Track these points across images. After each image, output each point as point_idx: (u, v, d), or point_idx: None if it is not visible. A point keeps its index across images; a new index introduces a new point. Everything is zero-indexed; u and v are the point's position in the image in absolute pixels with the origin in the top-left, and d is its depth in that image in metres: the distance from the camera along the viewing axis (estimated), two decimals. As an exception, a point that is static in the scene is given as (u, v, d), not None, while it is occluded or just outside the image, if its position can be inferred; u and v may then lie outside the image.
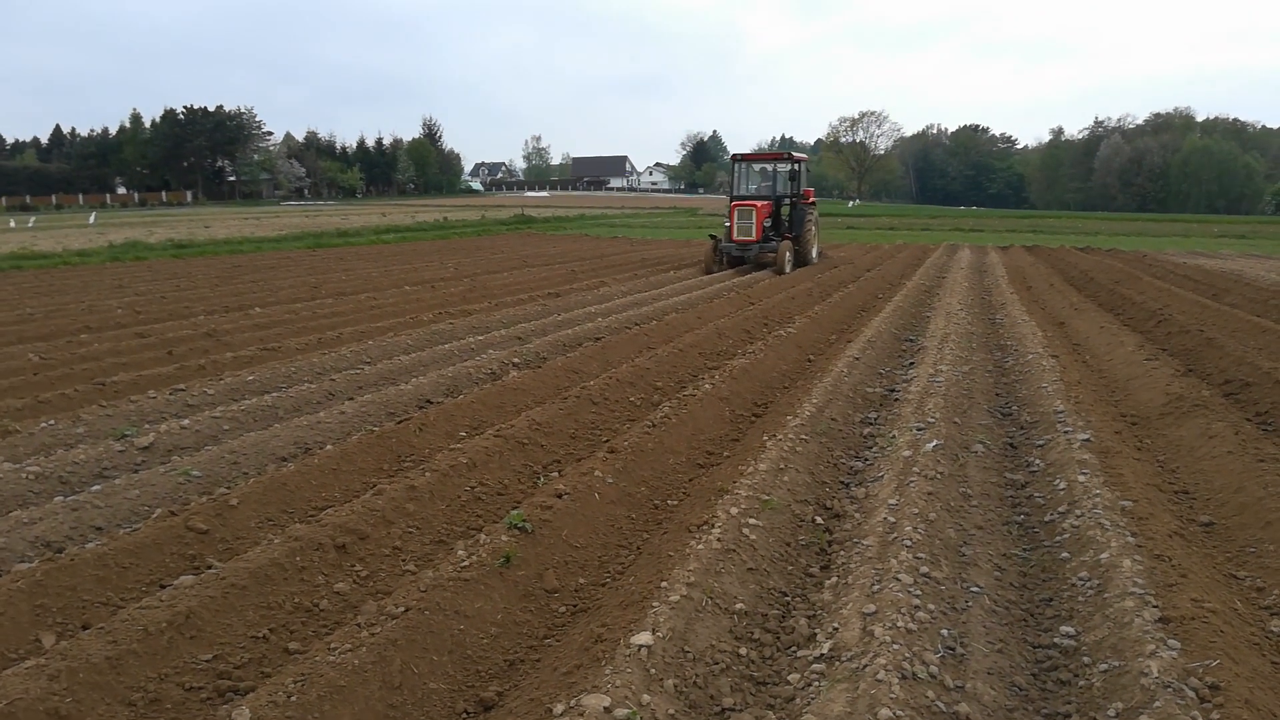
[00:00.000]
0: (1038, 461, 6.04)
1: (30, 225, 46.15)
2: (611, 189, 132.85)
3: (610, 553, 4.75)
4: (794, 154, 21.31)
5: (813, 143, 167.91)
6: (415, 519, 4.94)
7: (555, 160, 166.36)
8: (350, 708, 3.09)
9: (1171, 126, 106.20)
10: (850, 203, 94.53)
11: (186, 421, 6.69)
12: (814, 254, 21.41)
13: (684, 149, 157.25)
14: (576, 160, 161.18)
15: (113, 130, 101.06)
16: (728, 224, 19.79)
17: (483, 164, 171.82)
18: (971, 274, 19.40)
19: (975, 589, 4.12)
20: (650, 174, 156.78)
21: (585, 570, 4.50)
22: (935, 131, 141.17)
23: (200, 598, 3.73)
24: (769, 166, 21.96)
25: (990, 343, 10.56)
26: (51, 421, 6.80)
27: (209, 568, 4.34)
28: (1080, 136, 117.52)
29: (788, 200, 20.60)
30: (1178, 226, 48.44)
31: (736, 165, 21.19)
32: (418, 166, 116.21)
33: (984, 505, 5.23)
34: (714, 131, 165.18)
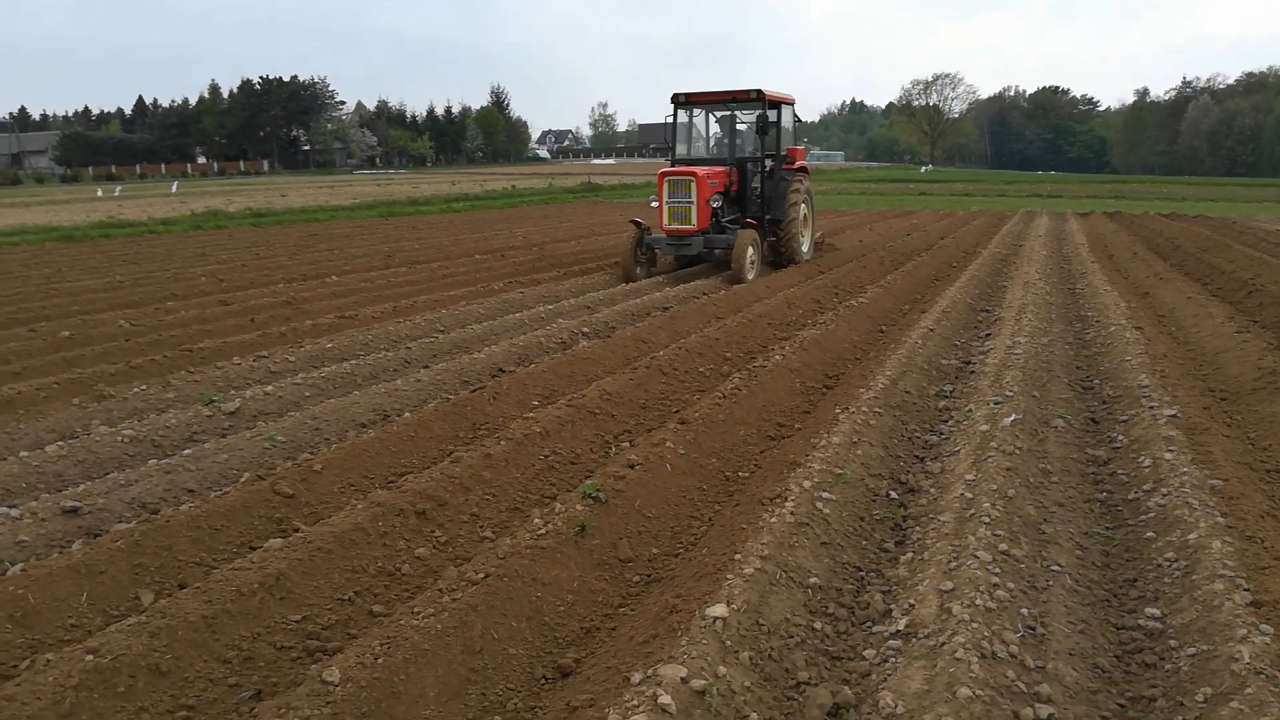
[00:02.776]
0: (1121, 437, 5.88)
1: (116, 194, 47.79)
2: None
3: (682, 524, 4.78)
4: (767, 92, 13.41)
5: (884, 106, 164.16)
6: (491, 486, 5.03)
7: (621, 127, 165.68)
8: (434, 671, 3.18)
9: (1265, 87, 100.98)
10: (923, 168, 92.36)
11: (270, 388, 6.90)
12: (805, 247, 14.71)
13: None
14: (643, 127, 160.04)
15: (193, 101, 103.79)
16: (655, 202, 13.28)
17: (549, 132, 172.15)
18: (1050, 242, 18.80)
19: (1056, 568, 4.05)
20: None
21: (658, 540, 4.53)
22: (1012, 94, 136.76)
23: (289, 560, 3.86)
24: (726, 112, 14.54)
25: (1070, 314, 10.26)
26: (143, 387, 7.07)
27: (295, 531, 4.49)
28: (1166, 98, 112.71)
29: (759, 165, 13.97)
30: (1270, 192, 46.18)
31: (678, 112, 14.11)
32: (486, 135, 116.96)
33: (1065, 482, 5.12)
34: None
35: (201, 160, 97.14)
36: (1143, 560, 4.22)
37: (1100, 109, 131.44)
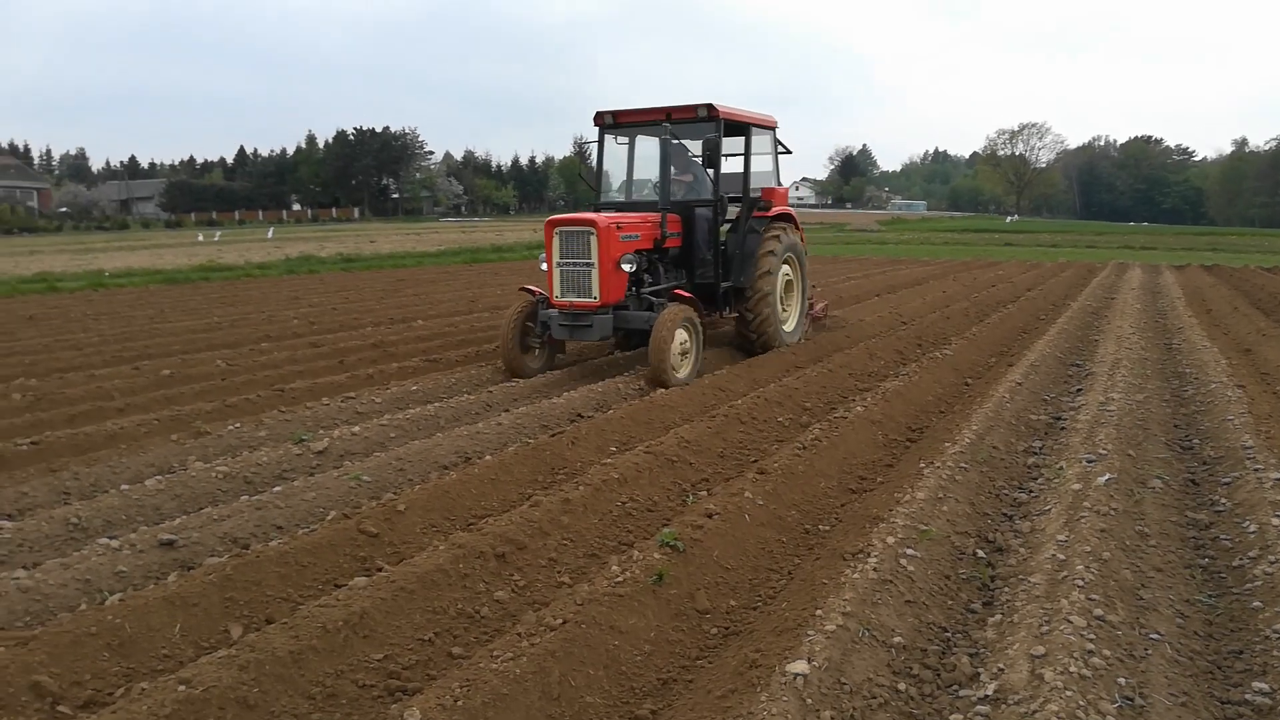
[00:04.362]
0: (1224, 501, 5.61)
1: (216, 239, 50.06)
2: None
3: (761, 576, 4.71)
4: (721, 109, 9.81)
5: (968, 155, 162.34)
6: (569, 531, 5.05)
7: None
8: (512, 716, 3.18)
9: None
10: (1008, 218, 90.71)
11: (357, 428, 7.08)
12: (791, 326, 11.14)
13: (831, 163, 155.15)
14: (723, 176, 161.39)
15: (290, 150, 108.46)
16: (545, 264, 9.37)
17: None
18: (1144, 295, 18.21)
19: (1155, 636, 3.86)
20: (797, 188, 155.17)
21: (736, 593, 4.48)
22: (1102, 143, 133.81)
23: (373, 599, 3.93)
24: (660, 137, 9.59)
25: (1167, 370, 9.89)
26: (237, 424, 7.33)
27: (379, 570, 4.57)
28: (1267, 147, 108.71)
29: (714, 211, 10.11)
30: (1383, 245, 44.01)
31: (604, 139, 10.73)
32: (568, 183, 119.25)
33: (1163, 546, 4.89)
34: (864, 145, 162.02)
35: (296, 207, 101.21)
36: (1249, 631, 4.00)
37: (1196, 159, 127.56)
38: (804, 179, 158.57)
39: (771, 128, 11.24)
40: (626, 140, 11.04)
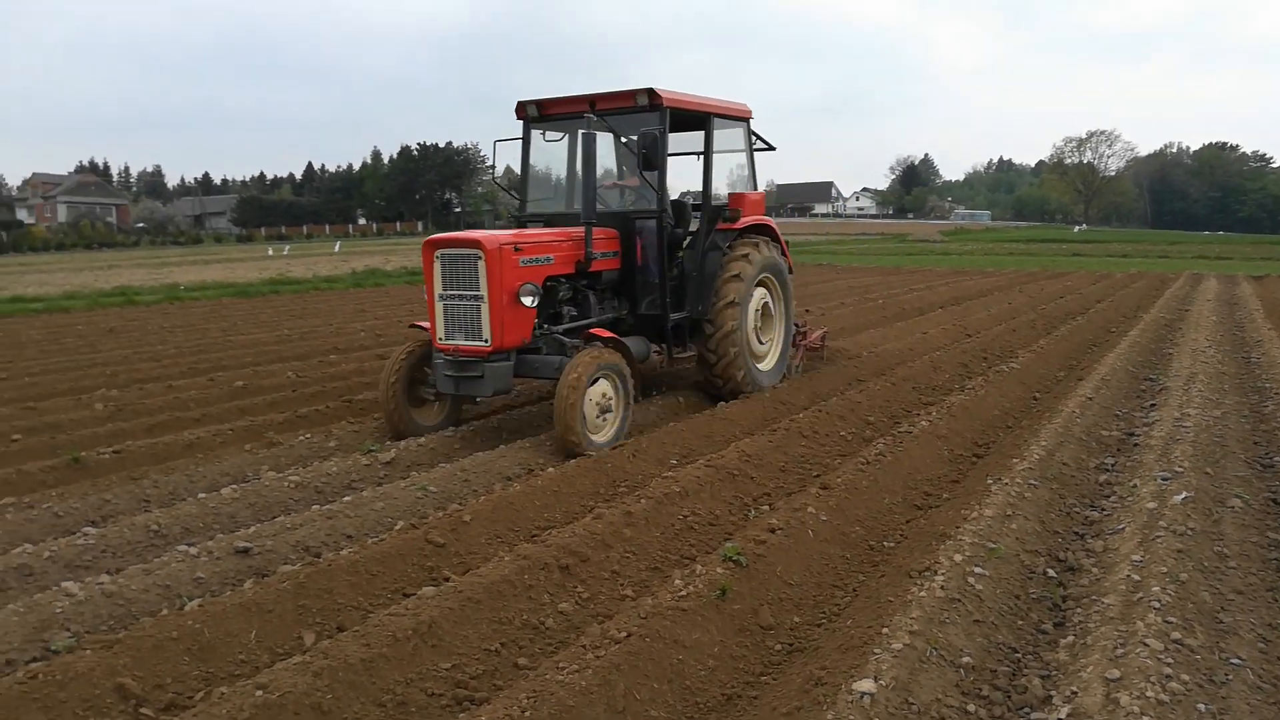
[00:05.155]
0: (1309, 522, 5.40)
1: (285, 253, 51.39)
2: (816, 215, 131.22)
3: (825, 592, 4.67)
4: (666, 95, 8.02)
5: (1033, 164, 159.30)
6: (632, 544, 5.07)
7: (760, 187, 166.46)
8: (578, 728, 3.21)
9: None
10: (1076, 228, 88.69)
11: (423, 439, 7.21)
12: (768, 365, 9.25)
13: (892, 173, 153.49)
14: (781, 187, 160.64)
15: (356, 166, 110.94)
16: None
17: (687, 193, 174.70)
18: (1220, 307, 17.63)
19: (1236, 661, 3.73)
20: (856, 199, 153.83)
21: (800, 609, 4.45)
22: (1174, 150, 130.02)
23: (441, 608, 4.00)
24: (588, 131, 7.57)
25: (1245, 384, 9.56)
26: (307, 435, 7.52)
27: (446, 579, 4.64)
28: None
29: (655, 221, 8.20)
30: None
31: (530, 134, 8.84)
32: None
33: (1244, 567, 4.73)
34: (925, 154, 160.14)
35: (362, 221, 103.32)
36: (1339, 659, 3.84)
37: (1274, 165, 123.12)
38: (864, 189, 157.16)
39: (743, 119, 9.31)
40: (558, 136, 8.88)
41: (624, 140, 8.57)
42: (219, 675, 3.75)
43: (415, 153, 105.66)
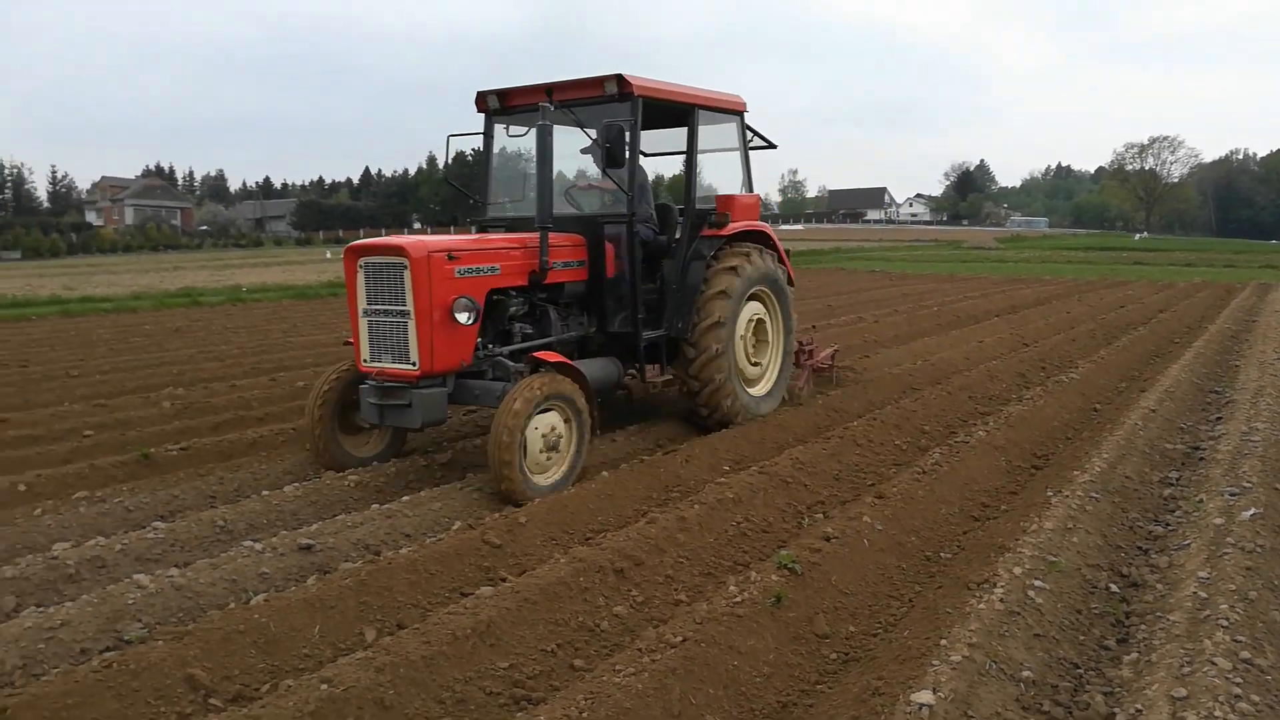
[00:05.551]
0: (1386, 541, 5.22)
1: (342, 256, 52.26)
2: (869, 221, 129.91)
3: (880, 603, 4.64)
4: (635, 82, 7.04)
5: (1093, 170, 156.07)
6: (685, 549, 5.09)
7: (811, 193, 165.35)
8: (635, 730, 3.23)
9: None
10: (1137, 235, 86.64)
11: (478, 441, 7.30)
12: (762, 390, 8.36)
13: (947, 179, 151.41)
14: (833, 193, 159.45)
15: (411, 171, 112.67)
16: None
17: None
18: (1290, 318, 17.08)
19: (1310, 684, 3.63)
20: (910, 205, 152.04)
21: (856, 618, 4.42)
22: (1241, 157, 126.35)
23: (498, 608, 4.05)
24: (545, 123, 6.58)
25: (1318, 398, 9.26)
26: (367, 435, 7.66)
27: (503, 580, 4.70)
28: None
29: (625, 226, 7.28)
30: None
31: (492, 127, 8.00)
32: (676, 199, 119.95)
33: (1317, 587, 4.60)
34: (981, 160, 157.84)
35: (417, 225, 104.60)
36: None
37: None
38: (918, 195, 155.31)
39: (735, 112, 8.34)
40: (523, 131, 7.99)
41: (591, 134, 7.23)
42: (284, 668, 3.84)
43: (469, 158, 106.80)
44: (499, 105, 7.77)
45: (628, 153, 6.90)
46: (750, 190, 8.51)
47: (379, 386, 6.26)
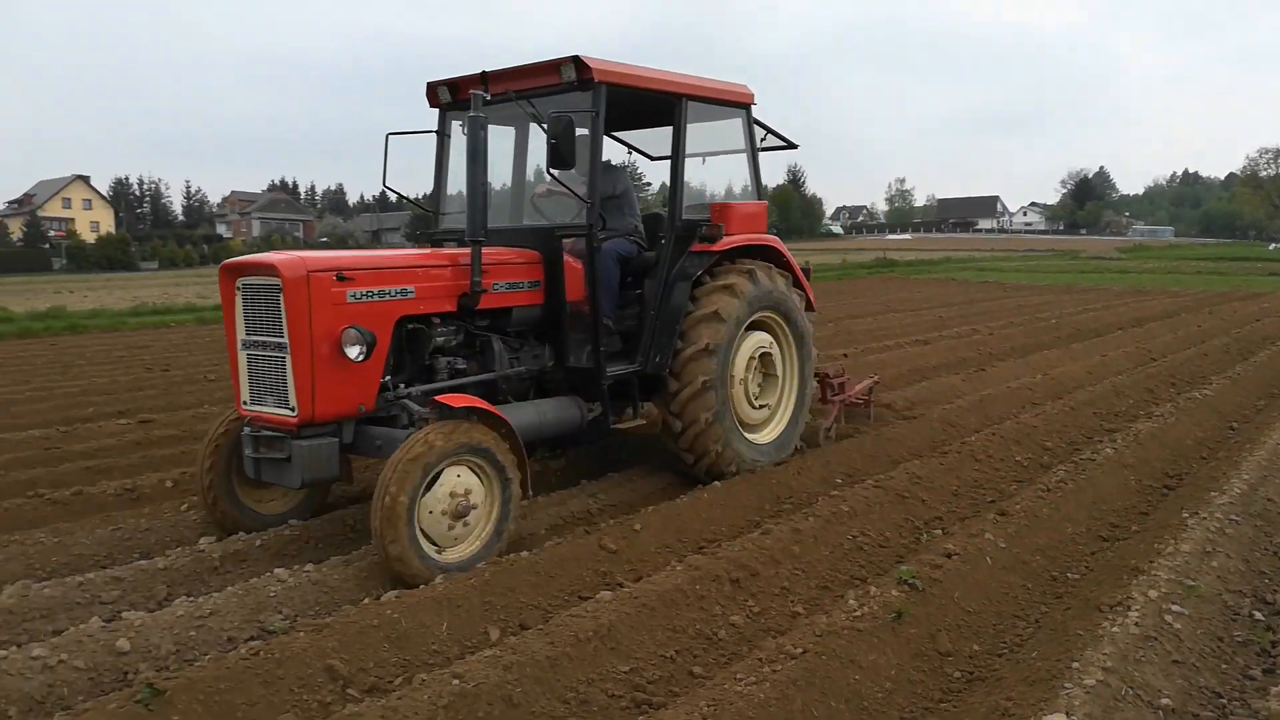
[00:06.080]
0: None
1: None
2: (979, 231, 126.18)
3: (1005, 622, 4.52)
4: (598, 66, 5.95)
5: (1223, 177, 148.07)
6: (800, 561, 5.07)
7: (919, 201, 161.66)
8: (758, 739, 3.25)
9: None
10: (1272, 245, 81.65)
11: (594, 448, 7.41)
12: (767, 433, 7.13)
13: (1064, 187, 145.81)
14: (942, 201, 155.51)
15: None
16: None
17: (843, 208, 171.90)
18: None
19: None
20: (1024, 214, 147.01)
21: (980, 637, 4.33)
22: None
23: (618, 613, 4.13)
24: (478, 114, 5.46)
25: None
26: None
27: (619, 585, 4.78)
28: None
29: (585, 240, 6.11)
30: None
31: (445, 123, 6.89)
32: (781, 212, 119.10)
33: None
34: (1100, 167, 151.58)
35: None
36: None
37: None
38: (1032, 204, 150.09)
39: (740, 105, 7.23)
40: (507, 127, 7.18)
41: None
42: (415, 663, 4.00)
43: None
44: (451, 98, 6.69)
45: (590, 151, 6.05)
46: (760, 197, 7.44)
47: (254, 436, 5.22)
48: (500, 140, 6.78)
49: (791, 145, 8.00)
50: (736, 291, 6.55)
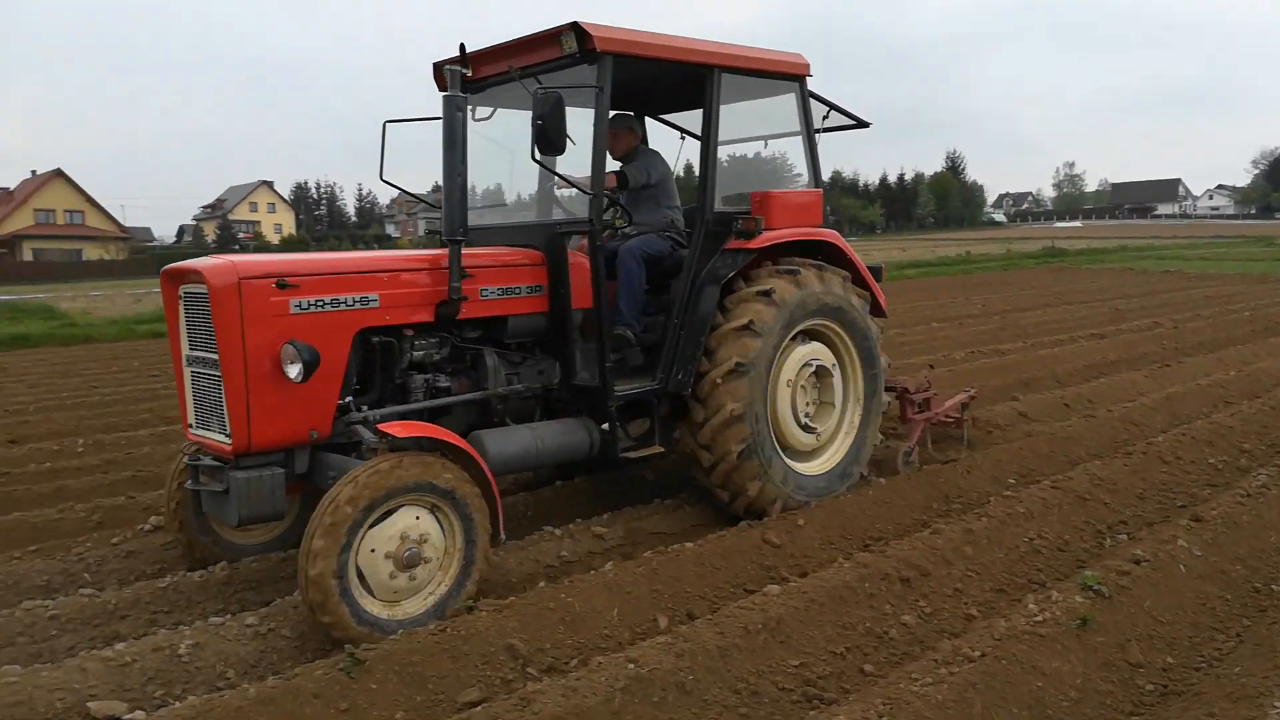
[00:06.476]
0: None
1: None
2: (1159, 216, 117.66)
3: (1202, 634, 4.25)
4: (599, 32, 5.08)
5: None
6: (974, 563, 4.92)
7: (1090, 187, 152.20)
8: (936, 741, 3.19)
9: None
10: None
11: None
12: (817, 463, 6.10)
13: (1255, 167, 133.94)
14: (1116, 186, 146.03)
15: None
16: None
17: (1006, 195, 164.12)
18: None
19: None
20: (1210, 198, 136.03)
21: (1173, 649, 4.08)
22: None
23: (786, 607, 4.14)
24: (455, 94, 4.79)
25: None
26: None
27: (784, 580, 4.78)
28: None
29: (585, 239, 5.47)
30: None
31: (447, 102, 4.84)
32: (938, 200, 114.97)
33: None
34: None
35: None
36: None
37: None
38: (1219, 186, 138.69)
39: (790, 78, 6.27)
40: (489, 112, 6.15)
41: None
42: (588, 645, 4.15)
43: (725, 164, 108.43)
44: (465, 76, 5.72)
45: (595, 133, 5.27)
46: (818, 184, 6.45)
47: (194, 465, 4.72)
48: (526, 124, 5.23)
49: (862, 124, 7.10)
50: (776, 298, 5.58)
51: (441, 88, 5.74)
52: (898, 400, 7.08)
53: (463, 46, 5.40)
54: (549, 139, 4.76)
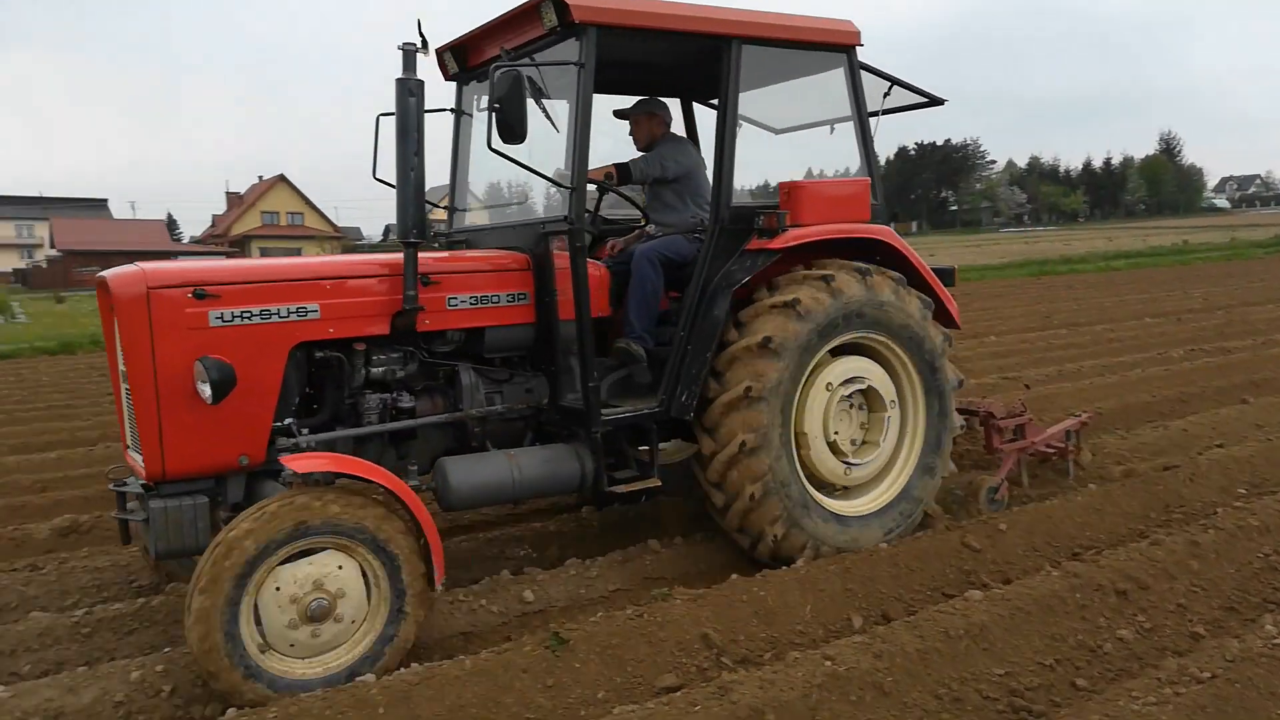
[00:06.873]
0: None
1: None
2: None
3: None
4: (574, 1, 4.30)
5: None
6: (1199, 578, 4.56)
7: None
8: (1161, 765, 3.00)
9: None
10: None
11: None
12: (861, 501, 5.22)
13: None
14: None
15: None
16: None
17: (1230, 178, 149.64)
18: None
19: None
20: None
21: None
22: None
23: (990, 614, 3.99)
24: (409, 75, 4.19)
25: None
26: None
27: (984, 586, 4.61)
28: None
29: (569, 238, 4.59)
30: None
31: (463, 95, 5.59)
32: (1150, 185, 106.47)
33: None
34: None
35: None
36: None
37: None
38: None
39: (837, 48, 5.29)
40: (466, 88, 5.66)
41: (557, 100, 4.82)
42: (782, 640, 4.16)
43: (913, 153, 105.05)
44: (459, 66, 5.41)
45: (578, 119, 4.55)
46: (870, 172, 5.48)
47: (118, 489, 4.32)
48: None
49: (935, 100, 6.03)
50: (801, 309, 4.72)
51: (446, 76, 5.54)
52: (981, 427, 6.13)
53: (420, 24, 4.48)
54: (508, 125, 4.13)
